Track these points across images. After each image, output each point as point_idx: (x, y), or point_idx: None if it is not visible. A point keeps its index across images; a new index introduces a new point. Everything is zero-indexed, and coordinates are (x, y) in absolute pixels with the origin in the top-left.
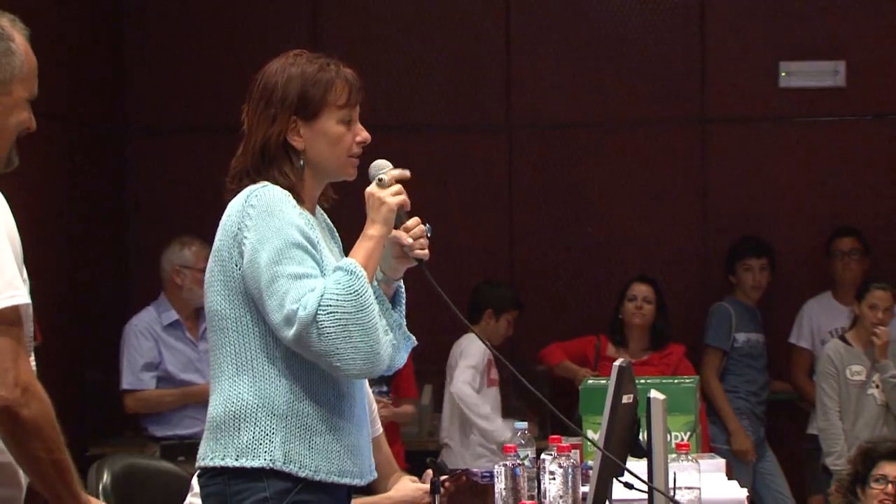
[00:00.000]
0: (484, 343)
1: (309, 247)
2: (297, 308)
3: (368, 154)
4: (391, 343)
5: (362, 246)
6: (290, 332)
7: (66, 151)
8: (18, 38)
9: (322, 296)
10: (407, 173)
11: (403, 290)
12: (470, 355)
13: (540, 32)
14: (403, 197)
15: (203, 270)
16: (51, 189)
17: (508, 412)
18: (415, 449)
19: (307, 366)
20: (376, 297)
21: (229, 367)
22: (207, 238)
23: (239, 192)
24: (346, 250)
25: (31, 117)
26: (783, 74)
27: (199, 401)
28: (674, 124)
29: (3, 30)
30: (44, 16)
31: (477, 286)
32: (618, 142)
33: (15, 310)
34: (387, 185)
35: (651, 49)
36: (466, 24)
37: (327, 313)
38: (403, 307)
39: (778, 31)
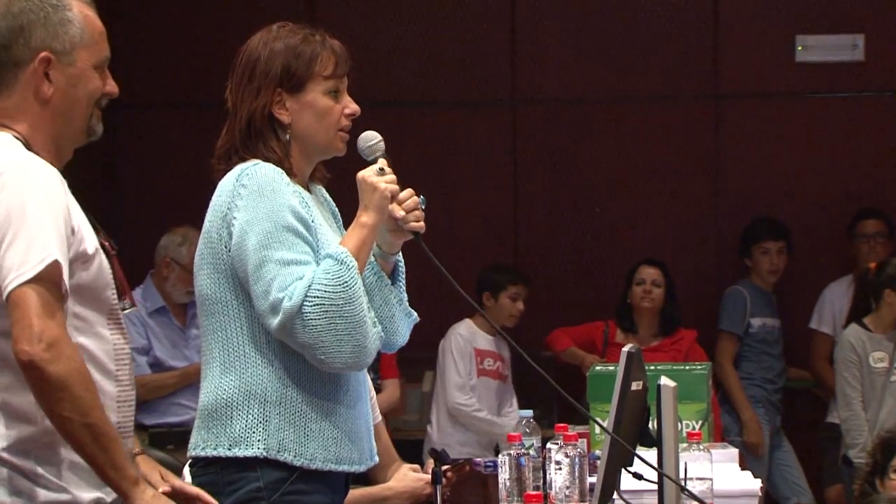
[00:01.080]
0: (492, 324)
1: (302, 230)
2: (283, 297)
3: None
4: (379, 335)
5: (354, 234)
6: (275, 322)
7: None
8: (77, 5)
9: (310, 286)
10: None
11: (403, 264)
12: (452, 356)
13: (546, 3)
14: (395, 186)
15: (192, 272)
16: None
17: (511, 399)
18: (415, 438)
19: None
20: (374, 274)
21: (219, 352)
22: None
23: (228, 171)
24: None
25: (106, 83)
26: (800, 48)
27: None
28: (685, 99)
29: (59, 0)
30: None
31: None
32: (626, 118)
33: (51, 269)
34: (387, 173)
35: (661, 20)
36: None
37: (313, 304)
38: (403, 282)
39: (794, 3)
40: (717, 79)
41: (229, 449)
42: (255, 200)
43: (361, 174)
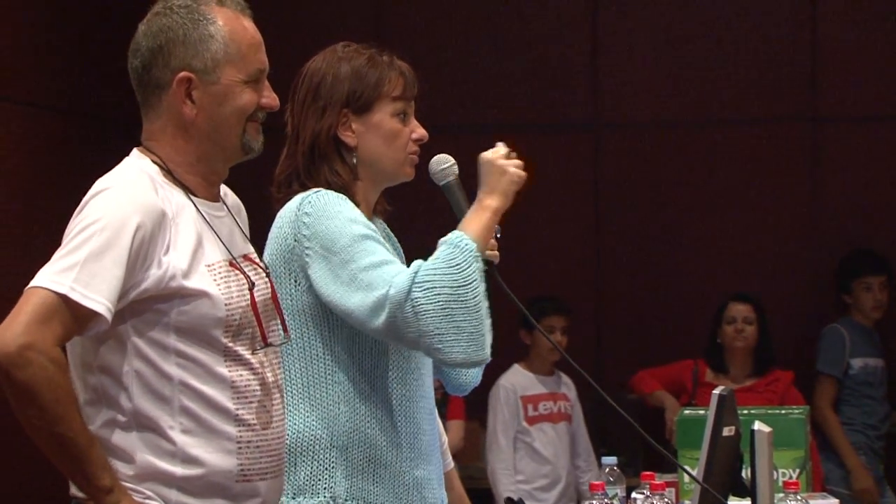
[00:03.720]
0: (573, 364)
1: (378, 236)
2: (387, 289)
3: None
4: (490, 329)
5: (475, 216)
6: (381, 318)
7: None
8: (225, 17)
9: (416, 273)
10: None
11: None
12: (492, 410)
13: (630, 22)
14: (524, 173)
15: None
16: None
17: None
18: (485, 486)
19: (371, 391)
20: None
21: (285, 396)
22: None
23: (288, 199)
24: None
25: (259, 96)
26: None
27: None
28: (780, 123)
29: (201, 14)
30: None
31: None
32: (716, 143)
33: (72, 291)
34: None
35: (755, 40)
36: (548, 14)
37: (424, 289)
38: None
39: None
40: (814, 101)
41: (294, 498)
42: (322, 225)
43: (487, 155)
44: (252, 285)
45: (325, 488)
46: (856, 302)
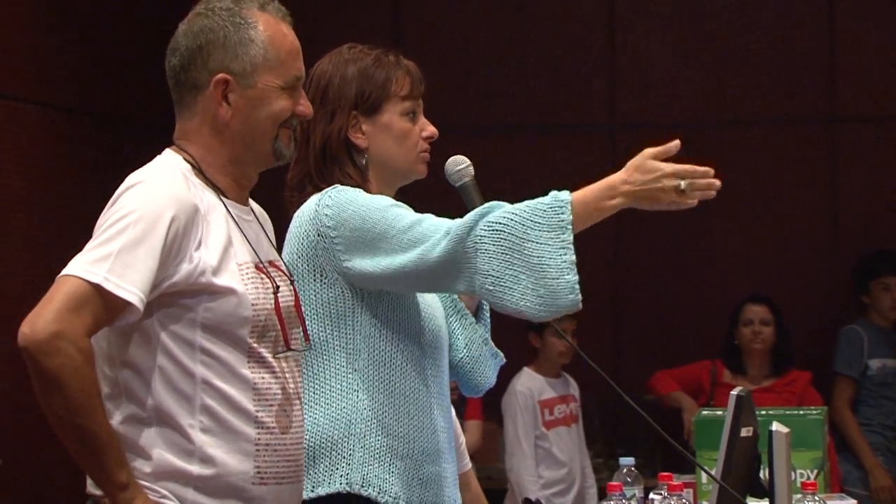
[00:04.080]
0: (595, 367)
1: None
2: (447, 230)
3: (468, 159)
4: (572, 287)
5: (595, 189)
6: (439, 251)
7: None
8: (266, 22)
9: (491, 213)
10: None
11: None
12: (510, 416)
13: (648, 21)
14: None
15: None
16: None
17: (603, 445)
18: (502, 487)
19: (389, 384)
20: (457, 312)
21: (304, 388)
22: None
23: (302, 201)
24: None
25: (294, 104)
26: None
27: None
28: (798, 123)
29: (243, 18)
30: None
31: None
32: (734, 143)
33: (107, 280)
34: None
35: (772, 40)
36: (566, 15)
37: (492, 229)
38: (488, 321)
39: None
40: (833, 101)
41: (312, 490)
42: (346, 211)
43: (649, 156)
44: (277, 289)
45: (340, 475)
46: (874, 302)
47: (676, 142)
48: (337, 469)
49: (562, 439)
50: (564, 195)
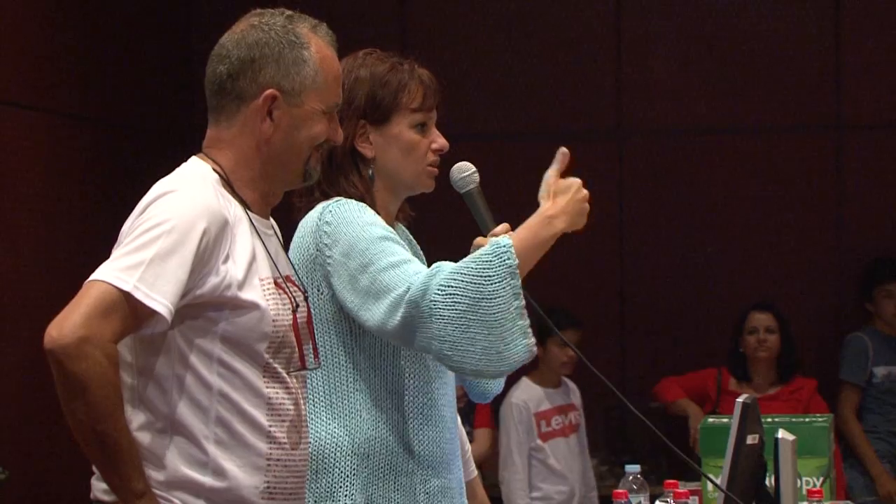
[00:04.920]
0: (597, 373)
1: (398, 238)
2: (406, 288)
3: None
4: (529, 348)
5: (532, 226)
6: (397, 317)
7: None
8: (317, 45)
9: (439, 273)
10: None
11: None
12: (505, 428)
13: (654, 29)
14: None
15: None
16: (88, 192)
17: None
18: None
19: (393, 399)
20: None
21: (307, 404)
22: None
23: (309, 207)
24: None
25: (330, 128)
26: None
27: None
28: (804, 130)
29: (297, 37)
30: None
31: None
32: (740, 150)
33: (135, 288)
34: None
35: (778, 46)
36: (573, 21)
37: (444, 293)
38: None
39: None
40: (839, 109)
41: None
42: (341, 230)
43: (573, 181)
44: (296, 307)
45: (345, 495)
46: (877, 310)
47: (564, 150)
48: (341, 488)
49: (559, 451)
50: (504, 240)
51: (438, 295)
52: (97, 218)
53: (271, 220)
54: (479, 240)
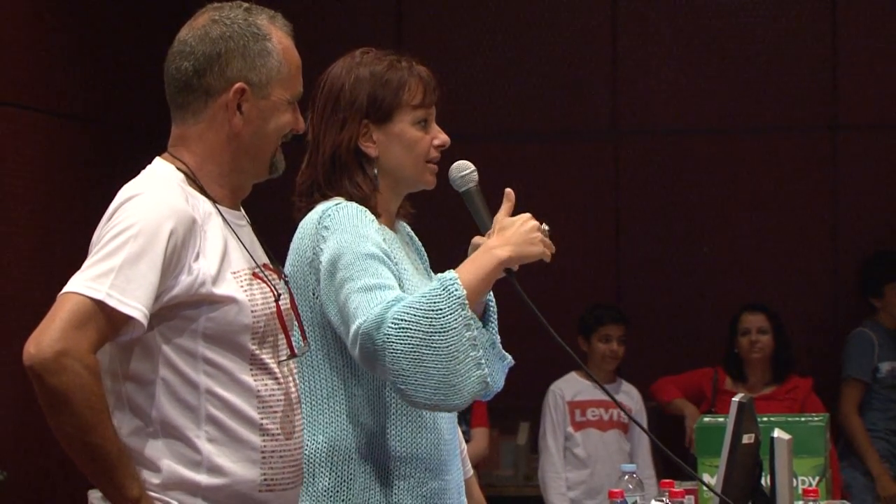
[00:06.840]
0: (590, 375)
1: (386, 259)
2: (364, 321)
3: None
4: (481, 380)
5: (477, 261)
6: (356, 350)
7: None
8: (277, 36)
9: (393, 307)
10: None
11: (494, 304)
12: (542, 416)
13: (650, 29)
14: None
15: None
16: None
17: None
18: (509, 494)
19: (391, 402)
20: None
21: (306, 407)
22: None
23: (309, 209)
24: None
25: (295, 118)
26: None
27: None
28: (800, 131)
29: (259, 29)
30: (125, 30)
31: None
32: (736, 150)
33: (108, 296)
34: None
35: (774, 48)
36: (569, 22)
37: (397, 328)
38: (495, 324)
39: None
40: (834, 109)
41: None
42: (335, 238)
43: (526, 217)
44: (278, 296)
45: (343, 499)
46: (885, 304)
47: (509, 191)
48: (338, 493)
49: (590, 441)
50: (449, 274)
51: (392, 329)
52: (97, 218)
53: (241, 210)
54: (476, 239)
